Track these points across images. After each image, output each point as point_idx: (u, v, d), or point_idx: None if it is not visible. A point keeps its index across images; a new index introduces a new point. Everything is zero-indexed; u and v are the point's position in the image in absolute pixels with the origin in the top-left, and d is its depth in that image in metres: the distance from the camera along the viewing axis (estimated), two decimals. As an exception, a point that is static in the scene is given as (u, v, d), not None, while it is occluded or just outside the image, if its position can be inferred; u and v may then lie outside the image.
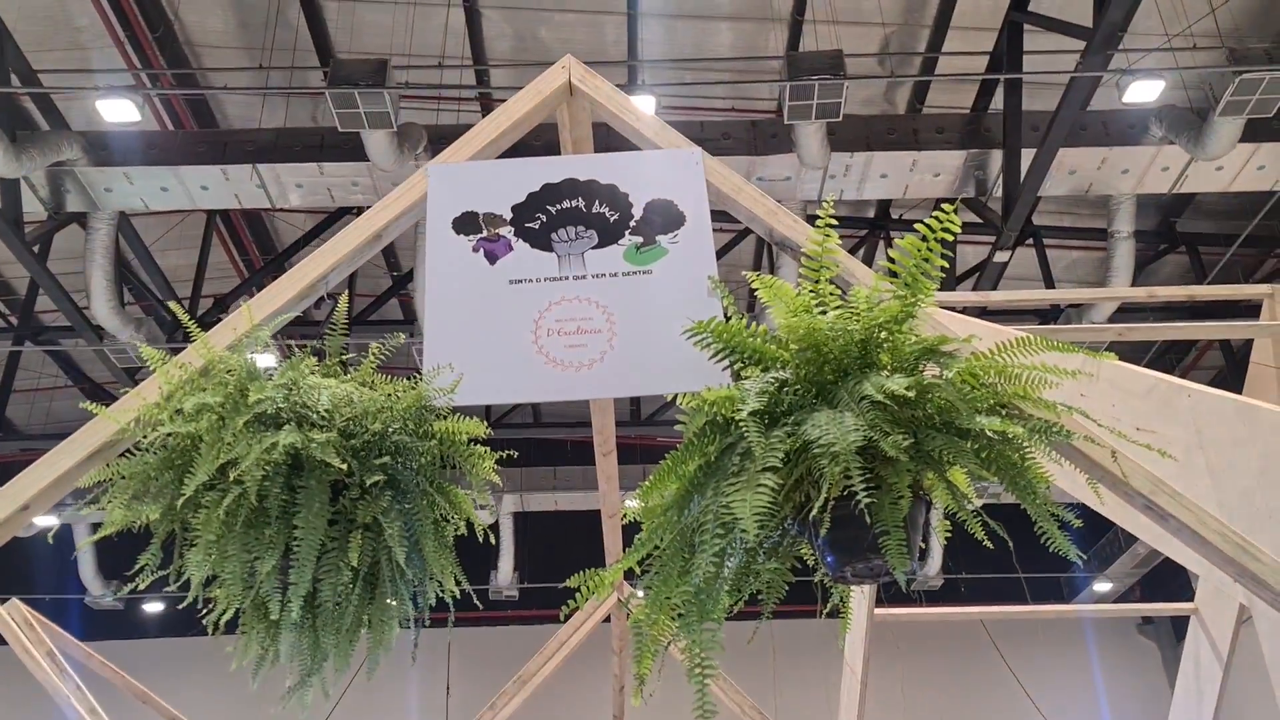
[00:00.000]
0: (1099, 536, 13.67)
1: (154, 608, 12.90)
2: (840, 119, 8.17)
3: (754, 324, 1.98)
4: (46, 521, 11.33)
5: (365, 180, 8.91)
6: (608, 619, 6.23)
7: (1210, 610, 4.96)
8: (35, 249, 9.35)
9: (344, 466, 1.77)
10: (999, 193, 9.16)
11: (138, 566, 1.81)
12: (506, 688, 4.61)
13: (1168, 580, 12.69)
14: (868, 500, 1.67)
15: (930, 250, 1.90)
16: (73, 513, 1.99)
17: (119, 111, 8.78)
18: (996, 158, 9.07)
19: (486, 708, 4.63)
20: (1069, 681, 13.82)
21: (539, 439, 13.30)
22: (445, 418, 2.01)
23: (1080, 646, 13.89)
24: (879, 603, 5.49)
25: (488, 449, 2.00)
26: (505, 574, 13.94)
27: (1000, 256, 9.53)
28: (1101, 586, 14.00)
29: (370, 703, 11.34)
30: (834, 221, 2.04)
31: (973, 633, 11.00)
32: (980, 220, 9.68)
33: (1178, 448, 2.57)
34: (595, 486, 4.46)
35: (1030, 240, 10.86)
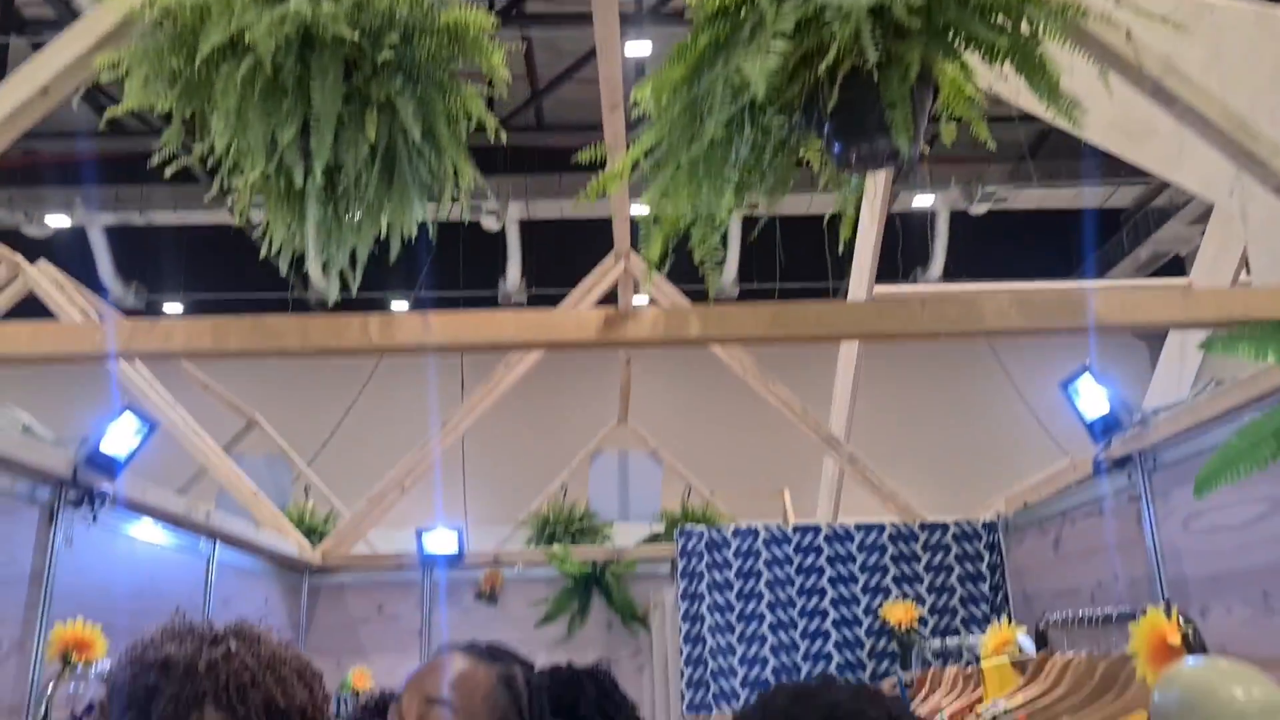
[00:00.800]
0: (1104, 240, 13.79)
1: (174, 307, 13.29)
2: None
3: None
4: (59, 222, 11.47)
5: None
6: (613, 305, 6.40)
7: (1204, 284, 5.09)
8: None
9: (354, 38, 1.77)
10: None
11: (160, 145, 1.86)
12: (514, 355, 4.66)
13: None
14: (875, 65, 1.68)
15: None
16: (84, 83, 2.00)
17: None
18: None
19: (500, 364, 4.83)
20: (1059, 373, 14.43)
21: (543, 146, 13.12)
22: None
23: (1073, 346, 14.38)
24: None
25: (496, 39, 1.99)
26: (513, 280, 14.24)
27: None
28: (1101, 292, 14.30)
29: (386, 406, 11.94)
30: None
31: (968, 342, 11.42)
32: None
33: (1194, 67, 2.54)
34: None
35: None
